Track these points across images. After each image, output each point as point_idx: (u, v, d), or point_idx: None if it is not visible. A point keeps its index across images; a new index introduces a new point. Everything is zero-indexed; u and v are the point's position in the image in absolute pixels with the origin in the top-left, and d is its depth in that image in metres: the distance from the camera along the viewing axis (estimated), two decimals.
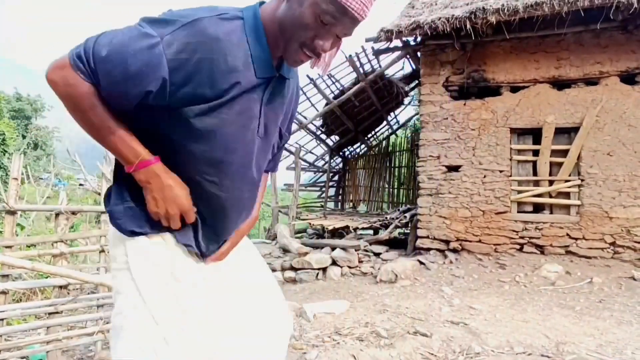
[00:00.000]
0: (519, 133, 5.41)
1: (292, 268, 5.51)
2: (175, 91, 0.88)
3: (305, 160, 10.66)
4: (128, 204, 0.98)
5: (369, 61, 7.97)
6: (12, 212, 3.12)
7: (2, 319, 2.88)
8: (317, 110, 8.85)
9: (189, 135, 0.93)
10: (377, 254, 5.93)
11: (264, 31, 0.95)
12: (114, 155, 0.95)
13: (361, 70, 7.79)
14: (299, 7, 0.90)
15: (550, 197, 5.18)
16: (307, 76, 8.28)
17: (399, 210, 8.43)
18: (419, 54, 6.38)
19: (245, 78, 0.93)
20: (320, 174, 11.81)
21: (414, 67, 8.20)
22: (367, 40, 6.02)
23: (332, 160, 11.48)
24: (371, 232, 7.76)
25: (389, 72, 8.55)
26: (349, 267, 5.53)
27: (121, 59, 0.84)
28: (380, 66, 8.00)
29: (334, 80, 8.58)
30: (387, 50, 6.94)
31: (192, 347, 0.95)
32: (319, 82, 8.19)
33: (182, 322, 0.95)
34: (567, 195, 5.11)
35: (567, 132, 5.15)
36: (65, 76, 0.86)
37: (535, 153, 5.29)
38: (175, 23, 0.87)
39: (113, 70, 0.84)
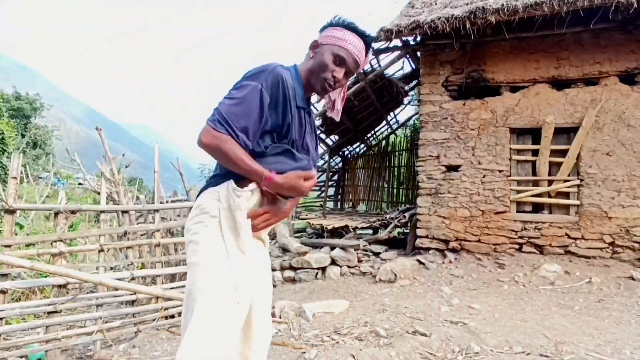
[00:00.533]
0: (518, 133, 5.42)
1: (292, 267, 5.51)
2: (270, 114, 1.36)
3: None
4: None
5: (369, 61, 7.97)
6: (11, 211, 3.12)
7: (1, 318, 2.88)
8: (317, 110, 8.85)
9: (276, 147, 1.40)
10: (377, 254, 5.93)
11: (301, 79, 1.47)
12: (250, 175, 1.33)
13: (360, 70, 7.79)
14: (321, 57, 1.45)
15: (550, 197, 5.19)
16: None
17: (398, 209, 8.44)
18: (418, 53, 6.38)
19: (294, 105, 1.40)
20: (320, 173, 11.81)
21: (414, 66, 8.19)
22: None
23: (331, 160, 11.48)
24: (370, 231, 7.76)
25: (389, 72, 8.55)
26: (348, 267, 5.54)
27: (247, 110, 1.31)
28: (379, 66, 7.99)
29: None
30: (387, 49, 6.94)
31: (244, 282, 1.31)
32: None
33: (241, 264, 1.31)
34: (566, 195, 5.12)
35: (566, 132, 5.16)
36: (210, 136, 1.29)
37: (535, 153, 5.29)
38: (264, 72, 1.35)
39: (243, 120, 1.30)
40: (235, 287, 1.26)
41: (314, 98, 1.78)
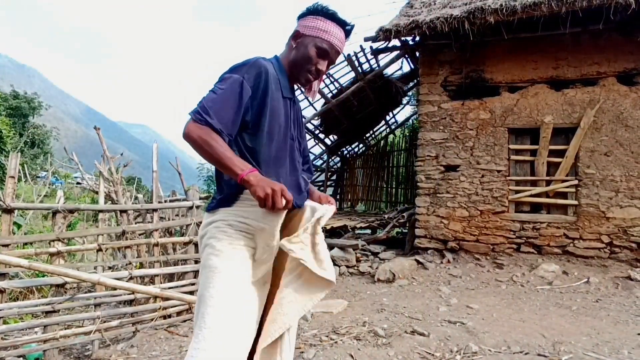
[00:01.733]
0: (516, 133, 5.42)
1: None
2: (252, 104, 1.37)
3: None
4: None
5: (368, 61, 7.97)
6: (9, 211, 3.11)
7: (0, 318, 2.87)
8: (316, 110, 8.85)
9: (258, 136, 1.40)
10: (375, 254, 5.94)
11: (285, 70, 1.49)
12: (226, 171, 1.28)
13: (360, 70, 7.79)
14: (305, 49, 1.45)
15: (548, 197, 5.20)
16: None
17: (397, 209, 8.44)
18: (417, 53, 6.39)
19: (278, 95, 1.43)
20: (319, 173, 11.81)
21: (413, 66, 8.20)
22: (366, 39, 6.02)
23: (330, 160, 11.48)
24: (369, 231, 7.77)
25: (388, 72, 8.55)
26: (347, 267, 5.54)
27: (228, 102, 1.32)
28: (378, 66, 7.99)
29: (332, 80, 8.57)
30: (386, 49, 6.94)
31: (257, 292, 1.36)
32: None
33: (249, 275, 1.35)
34: (564, 195, 5.13)
35: (564, 133, 5.17)
36: (192, 127, 1.28)
37: (533, 153, 5.30)
38: (246, 65, 1.37)
39: (223, 111, 1.30)
40: (248, 298, 1.29)
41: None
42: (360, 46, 7.38)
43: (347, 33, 1.50)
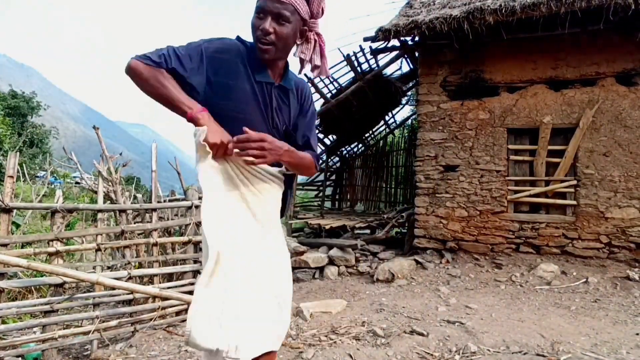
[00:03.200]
0: (515, 133, 5.43)
1: None
2: (210, 73, 1.32)
3: None
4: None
5: (367, 61, 7.96)
6: (7, 210, 3.10)
7: None
8: (315, 110, 8.83)
9: (221, 97, 1.33)
10: (374, 254, 5.94)
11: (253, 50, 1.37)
12: (174, 109, 1.26)
13: (359, 70, 7.79)
14: (251, 22, 1.34)
15: (547, 197, 5.21)
16: (305, 75, 8.27)
17: (396, 209, 8.44)
18: (416, 53, 6.39)
19: (245, 73, 1.36)
20: (318, 173, 11.81)
21: (412, 66, 8.20)
22: (365, 39, 6.02)
23: (329, 160, 11.47)
24: (368, 231, 7.76)
25: (387, 72, 8.55)
26: (346, 267, 5.54)
27: (185, 56, 1.30)
28: (378, 66, 7.99)
29: (331, 80, 8.57)
30: (385, 49, 6.94)
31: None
32: (316, 81, 8.17)
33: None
34: (563, 195, 5.13)
35: (563, 133, 5.18)
36: (137, 64, 1.25)
37: (532, 153, 5.31)
38: (214, 38, 1.36)
39: (185, 58, 1.29)
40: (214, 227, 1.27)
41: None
42: (360, 46, 7.39)
43: None
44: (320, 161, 11.39)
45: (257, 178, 1.38)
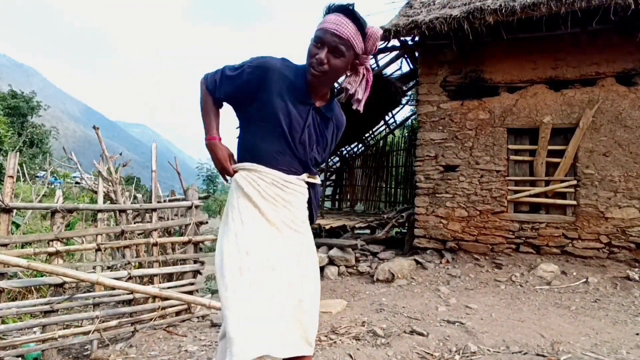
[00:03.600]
0: (515, 133, 5.43)
1: None
2: (249, 95, 1.48)
3: None
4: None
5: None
6: (7, 210, 3.10)
7: None
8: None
9: (261, 114, 1.47)
10: (374, 254, 5.94)
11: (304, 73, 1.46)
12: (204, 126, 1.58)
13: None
14: (307, 48, 1.42)
15: (547, 197, 5.20)
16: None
17: (396, 209, 8.44)
18: (416, 53, 6.39)
19: (284, 93, 1.46)
20: (318, 172, 11.79)
21: (412, 66, 8.19)
22: None
23: (329, 160, 11.46)
24: (368, 231, 7.76)
25: (387, 72, 8.55)
26: (346, 267, 5.54)
27: (230, 82, 1.51)
28: (378, 65, 7.99)
29: None
30: (385, 49, 6.94)
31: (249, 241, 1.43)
32: None
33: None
34: (563, 195, 5.13)
35: (563, 133, 5.17)
36: (202, 83, 1.57)
37: (532, 153, 5.30)
38: (256, 58, 1.48)
39: (222, 87, 1.53)
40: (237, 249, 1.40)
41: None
42: None
43: (344, 12, 1.38)
44: None
45: (275, 186, 1.47)
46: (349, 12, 1.38)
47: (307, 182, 1.56)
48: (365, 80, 1.51)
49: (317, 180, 1.62)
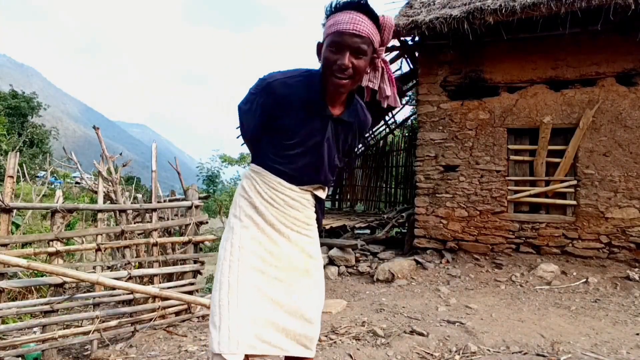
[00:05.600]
0: (515, 133, 5.43)
1: None
2: (267, 114, 1.42)
3: None
4: None
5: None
6: (7, 210, 3.10)
7: None
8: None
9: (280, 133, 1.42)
10: (374, 254, 5.94)
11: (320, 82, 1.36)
12: None
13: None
14: (323, 56, 1.31)
15: (547, 197, 5.20)
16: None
17: (396, 209, 8.44)
18: (416, 53, 6.39)
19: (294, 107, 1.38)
20: None
21: (412, 66, 8.19)
22: None
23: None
24: (368, 231, 7.77)
25: None
26: (346, 267, 5.54)
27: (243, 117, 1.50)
28: None
29: None
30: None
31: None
32: None
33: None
34: (563, 195, 5.13)
35: (563, 133, 5.17)
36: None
37: (532, 153, 5.30)
38: (256, 83, 1.43)
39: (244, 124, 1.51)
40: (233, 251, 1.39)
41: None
42: None
43: (359, 8, 1.27)
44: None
45: (278, 190, 1.44)
46: (360, 6, 1.27)
47: (314, 195, 1.51)
48: (386, 73, 1.43)
49: (323, 194, 1.55)
